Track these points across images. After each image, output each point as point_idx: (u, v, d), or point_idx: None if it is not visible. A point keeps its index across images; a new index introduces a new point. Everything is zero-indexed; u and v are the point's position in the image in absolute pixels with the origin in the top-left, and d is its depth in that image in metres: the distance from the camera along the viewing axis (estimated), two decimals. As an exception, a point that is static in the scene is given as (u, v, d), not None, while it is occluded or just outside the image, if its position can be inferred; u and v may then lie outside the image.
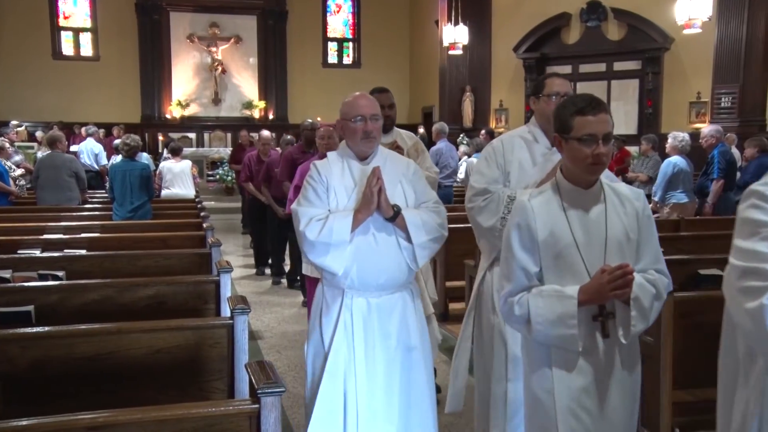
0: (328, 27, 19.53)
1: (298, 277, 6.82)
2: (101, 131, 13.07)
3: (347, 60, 19.68)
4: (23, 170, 8.50)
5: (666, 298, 2.20)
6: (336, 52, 19.63)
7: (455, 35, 14.20)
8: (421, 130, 14.11)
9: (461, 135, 13.44)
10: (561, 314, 2.05)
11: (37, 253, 4.58)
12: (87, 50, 17.77)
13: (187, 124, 18.14)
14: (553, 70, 12.42)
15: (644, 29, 12.85)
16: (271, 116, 18.52)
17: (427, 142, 8.50)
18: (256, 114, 18.49)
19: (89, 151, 10.95)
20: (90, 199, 8.08)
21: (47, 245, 4.88)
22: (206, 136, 18.16)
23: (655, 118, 12.98)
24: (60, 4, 17.47)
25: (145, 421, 1.92)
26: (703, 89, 12.15)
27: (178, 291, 3.55)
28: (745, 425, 1.71)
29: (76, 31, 17.72)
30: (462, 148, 10.45)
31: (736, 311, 1.69)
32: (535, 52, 14.32)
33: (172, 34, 17.91)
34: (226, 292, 3.57)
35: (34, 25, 16.87)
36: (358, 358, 2.61)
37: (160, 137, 17.49)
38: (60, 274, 4.04)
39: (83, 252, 4.69)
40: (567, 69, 13.56)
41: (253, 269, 8.12)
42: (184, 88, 18.14)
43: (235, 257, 8.85)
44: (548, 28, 14.11)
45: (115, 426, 1.90)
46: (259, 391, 1.96)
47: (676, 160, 7.02)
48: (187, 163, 9.15)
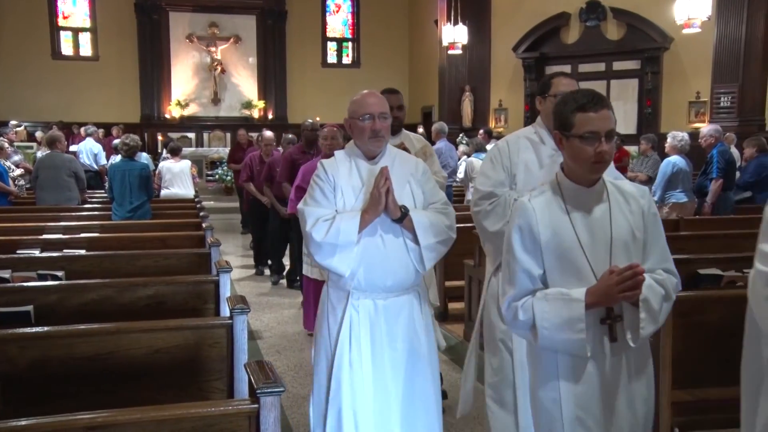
0: (327, 27, 19.53)
1: (297, 276, 6.82)
2: (100, 131, 13.07)
3: (346, 60, 19.68)
4: (22, 170, 8.50)
5: (674, 298, 2.11)
6: (335, 52, 19.63)
7: (454, 35, 14.20)
8: (421, 129, 14.10)
9: (461, 135, 13.43)
10: (568, 318, 1.97)
11: (37, 253, 4.58)
12: (86, 50, 17.77)
13: (186, 123, 18.15)
14: (553, 69, 12.43)
15: (643, 29, 12.85)
16: (270, 116, 18.51)
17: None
18: (256, 114, 18.49)
19: (88, 151, 10.95)
20: (89, 199, 8.07)
21: (46, 245, 4.87)
22: (205, 136, 18.16)
23: (654, 117, 12.99)
24: (59, 4, 17.47)
25: (144, 421, 1.92)
26: (702, 89, 12.16)
27: (178, 291, 3.55)
28: None
29: (76, 31, 17.72)
30: (461, 147, 10.44)
31: (763, 318, 1.63)
32: (534, 52, 14.33)
33: (172, 33, 17.91)
34: (225, 291, 3.56)
35: (33, 25, 16.87)
36: (365, 360, 2.57)
37: (160, 137, 17.50)
38: (59, 274, 4.04)
39: (82, 252, 4.69)
40: (566, 69, 13.50)
41: (253, 269, 8.12)
42: (184, 87, 18.13)
43: (235, 257, 8.85)
44: (547, 27, 14.11)
45: (115, 426, 1.89)
46: (259, 391, 1.95)
47: (675, 160, 7.03)
48: (186, 163, 9.14)
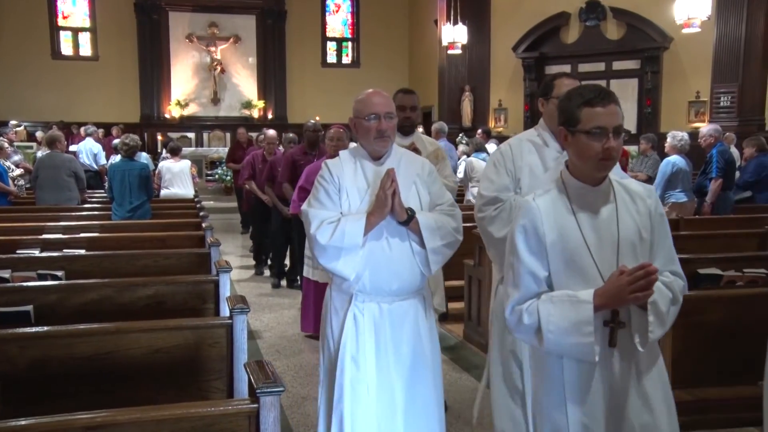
0: (327, 26, 19.52)
1: (298, 276, 6.82)
2: (100, 131, 13.08)
3: (346, 60, 19.68)
4: (22, 170, 8.50)
5: (681, 301, 2.05)
6: (335, 52, 19.62)
7: (454, 35, 14.20)
8: (420, 129, 14.10)
9: (460, 134, 13.42)
10: (576, 321, 1.88)
11: (36, 252, 4.58)
12: (86, 50, 17.75)
13: (186, 123, 18.14)
14: (552, 69, 12.47)
15: (643, 28, 12.86)
16: (270, 116, 18.51)
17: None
18: (255, 113, 18.48)
19: (88, 150, 10.95)
20: (89, 199, 8.07)
21: (46, 245, 4.88)
22: (205, 135, 18.15)
23: (654, 117, 12.99)
24: (59, 3, 17.45)
25: (144, 421, 1.91)
26: (702, 88, 12.16)
27: (177, 291, 3.55)
28: None
29: (75, 31, 17.70)
30: (461, 147, 10.44)
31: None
32: (534, 52, 14.33)
33: (171, 33, 17.90)
34: (225, 291, 3.57)
35: (33, 25, 16.86)
36: (369, 365, 2.52)
37: (159, 137, 17.50)
38: (59, 273, 4.05)
39: (82, 252, 4.70)
40: (566, 68, 13.51)
41: (253, 269, 8.11)
42: (183, 87, 18.13)
43: (235, 257, 8.84)
44: (547, 27, 14.11)
45: (114, 426, 1.89)
46: (258, 391, 1.95)
47: (675, 160, 7.03)
48: (186, 163, 9.14)
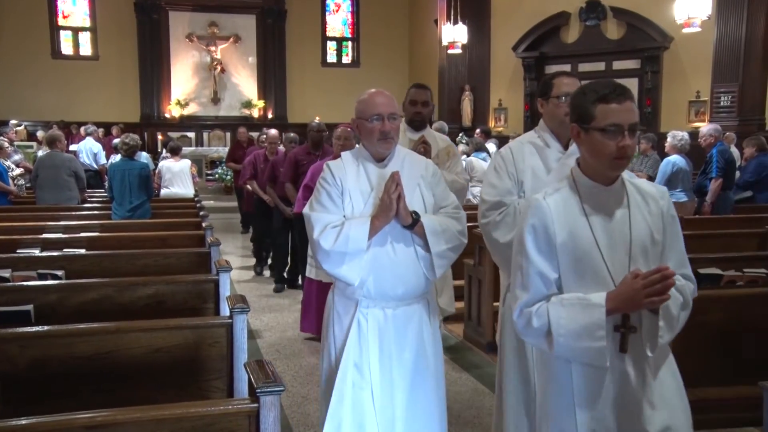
0: (327, 26, 19.50)
1: (299, 276, 6.82)
2: (100, 130, 13.07)
3: (346, 59, 19.65)
4: (22, 169, 8.50)
5: (692, 306, 1.99)
6: (335, 52, 19.60)
7: (454, 34, 14.18)
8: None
9: (460, 134, 13.42)
10: (587, 325, 1.83)
11: (37, 252, 4.59)
12: (86, 50, 17.72)
13: (186, 123, 18.12)
14: (552, 69, 12.44)
15: (643, 28, 12.84)
16: (270, 115, 18.48)
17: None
18: (255, 113, 18.46)
19: (88, 150, 10.95)
20: (89, 199, 8.07)
21: (46, 244, 4.88)
22: (205, 135, 18.13)
23: (654, 117, 12.97)
24: (59, 3, 17.42)
25: (144, 421, 1.92)
26: (702, 88, 12.14)
27: (177, 290, 3.56)
28: None
29: (76, 31, 17.67)
30: (461, 147, 10.43)
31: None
32: (534, 52, 14.32)
33: (171, 33, 17.87)
34: (225, 291, 3.57)
35: (33, 25, 16.84)
36: (372, 372, 2.48)
37: (160, 136, 17.47)
38: (59, 273, 4.05)
39: (82, 251, 4.70)
40: (566, 68, 13.46)
41: (253, 270, 8.09)
42: (183, 87, 18.11)
43: (235, 257, 8.84)
44: (547, 27, 14.09)
45: (114, 425, 1.90)
46: (258, 391, 1.95)
47: (675, 159, 7.03)
48: (186, 163, 9.14)
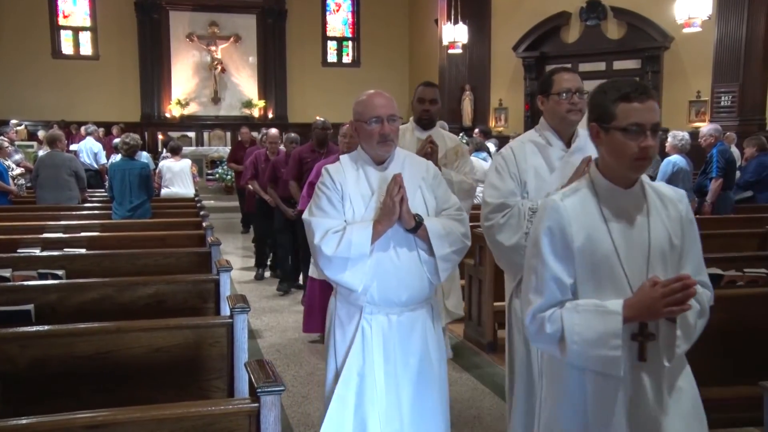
0: (327, 26, 19.51)
1: (299, 275, 6.82)
2: (101, 130, 13.07)
3: (347, 59, 19.66)
4: (23, 169, 8.50)
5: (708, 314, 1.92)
6: (335, 51, 19.61)
7: (455, 34, 14.18)
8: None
9: (460, 134, 13.41)
10: (602, 333, 1.77)
11: (37, 252, 4.58)
12: (86, 49, 17.73)
13: (186, 123, 18.12)
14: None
15: (644, 28, 12.84)
16: (270, 115, 18.49)
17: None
18: (256, 113, 18.47)
19: (88, 150, 10.94)
20: (89, 198, 8.07)
21: (47, 244, 4.88)
22: (206, 135, 18.14)
23: (654, 117, 12.98)
24: (59, 3, 17.42)
25: (145, 420, 1.92)
26: (702, 88, 12.14)
27: (178, 290, 3.56)
28: None
29: (76, 30, 17.68)
30: (461, 147, 10.45)
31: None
32: (534, 51, 14.31)
33: (172, 33, 17.88)
34: (225, 290, 3.57)
35: (33, 24, 16.84)
36: (378, 380, 2.43)
37: (160, 136, 17.48)
38: (59, 273, 4.05)
39: (83, 251, 4.70)
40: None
41: (253, 269, 8.06)
42: (184, 87, 18.12)
43: (235, 257, 8.83)
44: (548, 26, 14.09)
45: (115, 425, 1.90)
46: (259, 390, 1.95)
47: (675, 159, 7.02)
48: (186, 162, 9.13)
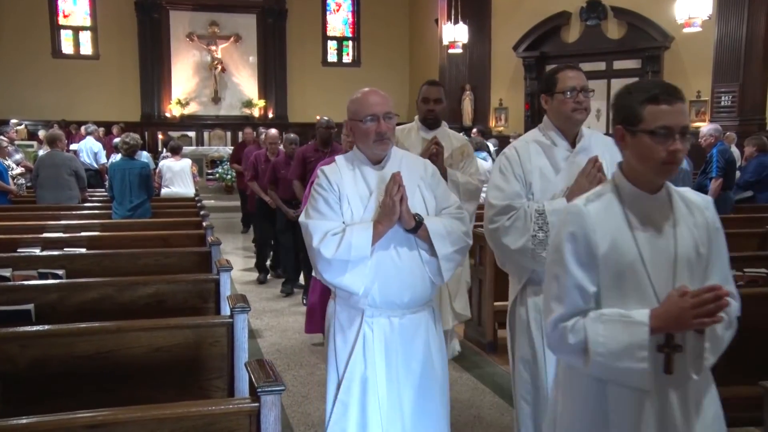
0: (327, 26, 19.51)
1: (300, 276, 6.81)
2: (101, 130, 13.07)
3: (347, 59, 19.66)
4: (23, 169, 8.50)
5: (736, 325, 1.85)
6: (335, 51, 19.61)
7: (455, 34, 14.20)
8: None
9: (461, 134, 13.43)
10: (628, 344, 1.70)
11: (37, 251, 4.58)
12: (87, 49, 17.74)
13: (186, 122, 18.13)
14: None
15: (644, 28, 12.85)
16: (270, 115, 18.50)
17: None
18: (256, 112, 18.47)
19: (88, 149, 10.94)
20: (89, 198, 8.07)
21: (47, 244, 4.88)
22: (206, 134, 18.15)
23: (654, 116, 12.98)
24: (60, 2, 17.43)
25: (145, 420, 1.92)
26: (702, 88, 12.14)
27: (178, 290, 3.56)
28: None
29: (76, 30, 17.69)
30: (462, 146, 10.45)
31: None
32: (534, 51, 14.33)
33: (172, 32, 17.89)
34: (225, 290, 3.57)
35: (33, 24, 16.85)
36: (379, 383, 2.39)
37: (160, 136, 17.48)
38: (60, 272, 4.05)
39: (83, 251, 4.70)
40: (566, 67, 13.54)
41: (253, 268, 8.04)
42: (184, 86, 18.12)
43: (235, 257, 8.83)
44: (548, 26, 14.11)
45: (115, 424, 1.90)
46: (259, 390, 1.95)
47: (675, 159, 7.02)
48: (186, 162, 9.13)
